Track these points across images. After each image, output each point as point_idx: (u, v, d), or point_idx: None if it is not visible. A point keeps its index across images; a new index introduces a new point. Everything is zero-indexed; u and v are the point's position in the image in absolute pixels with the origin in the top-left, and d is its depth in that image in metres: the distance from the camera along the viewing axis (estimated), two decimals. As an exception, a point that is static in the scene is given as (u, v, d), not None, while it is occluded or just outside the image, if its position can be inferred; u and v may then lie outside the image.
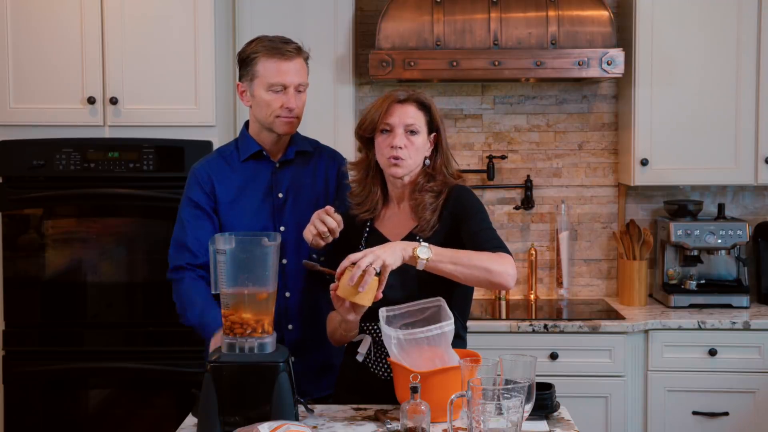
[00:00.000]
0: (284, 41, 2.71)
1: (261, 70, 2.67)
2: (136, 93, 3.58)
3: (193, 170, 2.79)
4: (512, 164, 4.22)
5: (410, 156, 2.47)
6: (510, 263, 2.37)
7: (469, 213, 2.48)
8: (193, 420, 2.32)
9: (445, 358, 2.29)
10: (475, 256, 2.36)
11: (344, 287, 2.26)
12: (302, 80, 2.71)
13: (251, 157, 2.76)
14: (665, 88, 3.86)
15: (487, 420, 1.94)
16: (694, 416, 3.67)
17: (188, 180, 2.78)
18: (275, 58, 2.66)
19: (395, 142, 2.45)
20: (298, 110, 2.71)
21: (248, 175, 2.75)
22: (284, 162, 2.78)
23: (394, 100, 2.49)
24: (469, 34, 3.77)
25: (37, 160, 3.56)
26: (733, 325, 3.67)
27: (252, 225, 2.69)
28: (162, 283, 3.60)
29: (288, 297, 2.73)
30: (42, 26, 3.58)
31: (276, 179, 2.76)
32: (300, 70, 2.70)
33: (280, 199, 2.74)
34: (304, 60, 2.74)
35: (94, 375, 3.63)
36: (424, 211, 2.48)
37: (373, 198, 2.56)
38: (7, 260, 3.61)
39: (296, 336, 2.73)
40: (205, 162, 2.80)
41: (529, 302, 4.12)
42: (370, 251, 2.26)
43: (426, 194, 2.49)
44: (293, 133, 2.76)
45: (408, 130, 2.47)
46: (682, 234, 3.91)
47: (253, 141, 2.77)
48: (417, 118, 2.49)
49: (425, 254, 2.29)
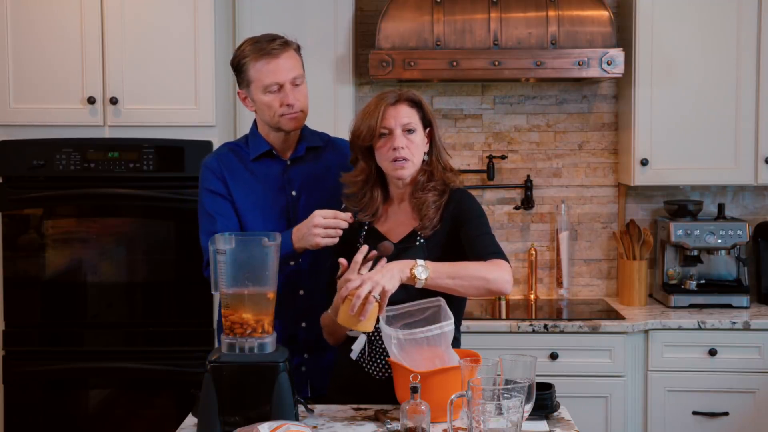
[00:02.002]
0: (270, 39, 2.67)
1: (253, 74, 2.66)
2: (136, 93, 3.58)
3: (206, 163, 2.77)
4: (512, 164, 4.22)
5: (413, 155, 2.47)
6: (506, 269, 2.38)
7: (469, 217, 2.49)
8: (193, 420, 2.32)
9: (445, 358, 2.29)
10: (471, 267, 2.37)
11: (345, 316, 2.25)
12: (296, 73, 2.68)
13: (262, 156, 2.75)
14: (665, 88, 3.86)
15: (487, 420, 1.94)
16: (694, 416, 3.67)
17: (202, 174, 2.76)
18: (264, 59, 2.64)
19: (396, 143, 2.45)
20: (300, 104, 2.69)
21: (260, 173, 2.74)
22: (295, 159, 2.77)
23: (386, 103, 2.48)
24: (469, 34, 3.77)
25: (37, 160, 3.56)
26: (733, 325, 3.67)
27: (265, 223, 2.68)
28: (162, 283, 3.63)
29: (302, 295, 2.74)
30: (42, 26, 3.58)
31: (288, 177, 2.75)
32: (292, 64, 2.68)
33: (293, 197, 2.74)
34: (295, 51, 2.71)
35: (94, 375, 3.63)
36: (428, 209, 2.48)
37: (375, 203, 2.56)
38: (7, 260, 3.61)
39: (310, 334, 2.72)
40: (217, 156, 2.79)
41: (529, 302, 4.12)
42: (368, 278, 2.25)
43: (429, 193, 2.49)
44: (299, 127, 2.74)
45: (406, 130, 2.47)
46: (682, 234, 3.91)
47: (263, 140, 2.76)
48: (411, 116, 2.49)
49: (423, 274, 2.30)
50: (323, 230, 2.49)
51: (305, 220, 2.55)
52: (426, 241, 2.47)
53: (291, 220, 2.70)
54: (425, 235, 2.48)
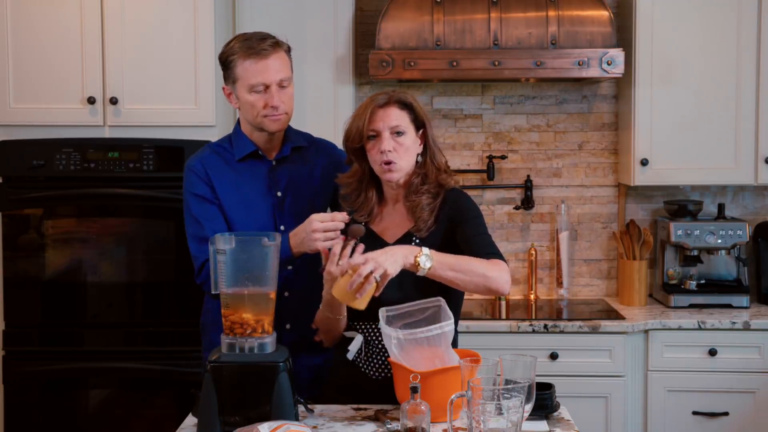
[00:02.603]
0: (261, 38, 2.65)
1: (240, 72, 2.64)
2: (136, 93, 3.58)
3: (189, 166, 2.74)
4: (512, 164, 4.22)
5: (401, 158, 2.46)
6: (505, 270, 2.39)
7: (466, 217, 2.49)
8: (193, 420, 2.32)
9: (444, 358, 2.29)
10: (473, 262, 2.37)
11: (341, 290, 2.26)
12: (283, 75, 2.65)
13: (247, 157, 2.74)
14: (665, 88, 3.86)
15: (487, 420, 1.94)
16: (694, 416, 3.67)
17: (186, 177, 2.74)
18: (252, 58, 2.62)
19: (383, 146, 2.44)
20: (285, 106, 2.66)
21: (245, 174, 2.73)
22: (280, 160, 2.76)
23: (375, 105, 2.47)
24: (469, 34, 3.77)
25: (37, 160, 3.56)
26: (733, 325, 3.67)
27: (251, 224, 2.67)
28: (162, 283, 3.62)
29: (287, 296, 2.73)
30: (42, 26, 3.58)
31: (273, 177, 2.74)
32: (280, 65, 2.65)
33: (279, 198, 2.73)
34: (286, 52, 2.69)
35: (94, 375, 3.63)
36: (422, 212, 2.48)
37: (369, 203, 2.55)
38: (7, 260, 3.61)
39: (294, 336, 2.71)
40: (200, 157, 2.76)
41: (529, 302, 4.12)
42: (371, 257, 2.26)
43: (422, 196, 2.49)
44: (282, 129, 2.72)
45: (394, 132, 2.46)
46: (682, 234, 3.91)
47: (247, 140, 2.74)
48: (401, 118, 2.47)
49: (427, 263, 2.30)
50: (322, 234, 2.48)
51: (301, 225, 2.54)
52: (421, 242, 2.47)
53: (277, 221, 2.70)
54: (420, 237, 2.48)
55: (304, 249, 2.53)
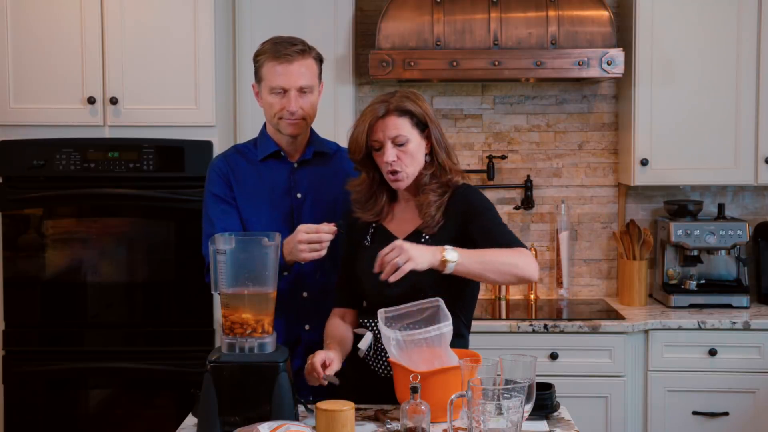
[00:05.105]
0: (290, 42, 2.67)
1: (265, 72, 2.67)
2: (136, 93, 3.58)
3: (213, 165, 2.78)
4: (512, 164, 4.22)
5: (406, 166, 2.46)
6: (530, 257, 2.39)
7: (479, 210, 2.49)
8: (193, 420, 2.33)
9: (444, 358, 2.29)
10: (498, 253, 2.37)
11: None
12: (305, 83, 2.66)
13: (269, 157, 2.75)
14: (665, 88, 3.86)
15: (487, 420, 1.94)
16: (694, 416, 3.67)
17: (208, 175, 2.76)
18: (276, 60, 2.64)
19: (386, 158, 2.45)
20: (303, 112, 2.67)
21: (267, 174, 2.74)
22: (302, 162, 2.77)
23: (374, 117, 2.47)
24: (469, 34, 3.77)
25: (37, 160, 3.56)
26: (733, 325, 3.67)
27: (269, 224, 2.67)
28: (162, 283, 3.63)
29: (305, 297, 2.73)
30: (42, 26, 3.58)
31: (294, 179, 2.75)
32: (303, 72, 2.66)
33: (299, 200, 2.74)
34: (314, 60, 2.70)
35: (94, 375, 3.63)
36: (429, 208, 2.48)
37: (380, 204, 2.56)
38: (7, 260, 3.61)
39: (313, 336, 2.72)
40: (223, 157, 2.80)
41: (529, 302, 4.12)
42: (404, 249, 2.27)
43: (430, 193, 2.49)
44: (299, 134, 2.73)
45: (396, 143, 2.46)
46: (682, 234, 3.91)
47: (271, 141, 2.76)
48: (401, 127, 2.46)
49: (455, 256, 2.30)
50: (307, 245, 2.50)
51: (291, 235, 2.56)
52: (431, 238, 2.47)
53: (295, 222, 2.70)
54: (429, 233, 2.48)
55: (294, 258, 2.55)
